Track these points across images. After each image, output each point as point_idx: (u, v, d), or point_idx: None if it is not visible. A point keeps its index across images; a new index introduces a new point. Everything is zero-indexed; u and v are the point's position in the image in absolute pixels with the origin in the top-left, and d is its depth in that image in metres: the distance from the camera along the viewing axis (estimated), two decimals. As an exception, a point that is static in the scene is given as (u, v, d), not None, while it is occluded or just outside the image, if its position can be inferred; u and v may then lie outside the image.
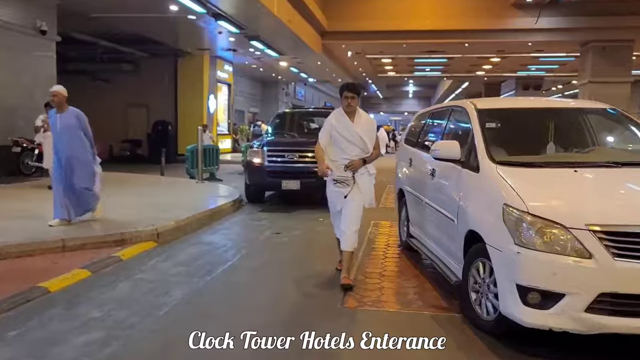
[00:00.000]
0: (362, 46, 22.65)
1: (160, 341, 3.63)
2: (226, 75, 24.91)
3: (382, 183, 14.31)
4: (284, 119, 11.22)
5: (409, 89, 58.67)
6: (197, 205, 8.28)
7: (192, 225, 7.21)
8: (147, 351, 3.48)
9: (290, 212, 9.05)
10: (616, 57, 19.63)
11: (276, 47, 20.11)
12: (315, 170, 9.00)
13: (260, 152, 9.42)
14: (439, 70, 30.65)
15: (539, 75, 31.27)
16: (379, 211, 9.20)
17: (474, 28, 19.82)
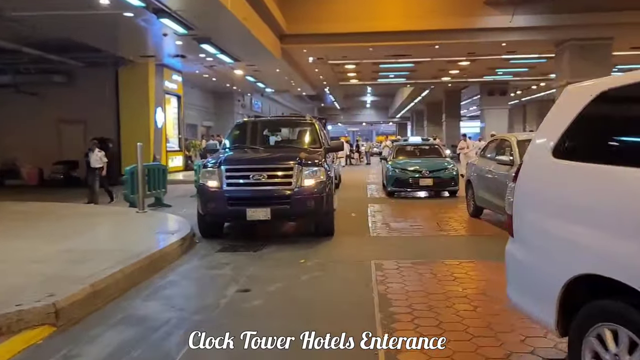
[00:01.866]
0: (325, 51, 20.77)
1: None
2: (175, 85, 22.49)
3: (358, 201, 12.54)
4: (245, 129, 9.10)
5: (367, 99, 57.72)
6: (130, 249, 5.99)
7: (118, 286, 4.95)
8: None
9: (260, 251, 6.88)
10: (595, 56, 18.46)
11: (230, 51, 17.95)
12: (289, 193, 7.23)
13: (216, 173, 7.24)
14: (403, 77, 29.13)
15: (505, 80, 30.23)
16: (374, 243, 7.24)
17: (445, 28, 18.32)
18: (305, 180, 7.16)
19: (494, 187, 8.29)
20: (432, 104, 44.46)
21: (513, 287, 3.29)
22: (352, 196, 13.61)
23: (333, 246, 7.22)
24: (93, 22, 13.61)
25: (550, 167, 2.99)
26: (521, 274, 3.22)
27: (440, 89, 36.69)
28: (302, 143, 8.72)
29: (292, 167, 7.15)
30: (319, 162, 7.45)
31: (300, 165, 7.19)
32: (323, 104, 53.94)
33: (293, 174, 7.12)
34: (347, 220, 9.36)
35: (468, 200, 9.80)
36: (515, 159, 7.63)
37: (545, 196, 3.04)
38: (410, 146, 16.15)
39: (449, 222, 9.12)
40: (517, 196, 3.28)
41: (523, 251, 3.19)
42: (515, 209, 3.29)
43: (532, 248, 3.09)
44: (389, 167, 13.42)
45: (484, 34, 18.65)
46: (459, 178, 12.98)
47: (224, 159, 7.44)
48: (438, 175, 12.70)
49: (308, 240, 7.49)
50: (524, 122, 54.72)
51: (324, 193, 7.24)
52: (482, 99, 32.81)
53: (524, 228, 3.21)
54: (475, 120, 64.09)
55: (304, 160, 7.32)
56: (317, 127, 8.78)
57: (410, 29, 18.35)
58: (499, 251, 7.03)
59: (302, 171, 7.17)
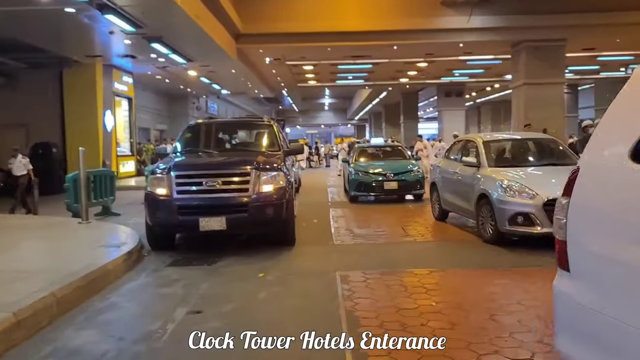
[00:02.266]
0: (282, 51, 20.27)
1: None
2: (125, 87, 21.48)
3: (319, 206, 11.82)
4: (198, 132, 8.48)
5: (325, 101, 57.51)
6: (66, 267, 5.33)
7: (50, 312, 4.32)
8: None
9: (215, 264, 6.32)
10: (549, 57, 18.71)
11: (183, 51, 17.22)
12: (246, 200, 6.78)
13: (166, 180, 6.62)
14: (362, 78, 28.94)
15: (461, 81, 30.51)
16: (338, 252, 6.78)
17: (404, 28, 18.14)
18: (264, 186, 6.65)
19: (460, 190, 8.01)
20: (390, 105, 44.61)
21: (567, 338, 2.48)
22: (313, 200, 13.16)
23: (294, 256, 6.73)
24: (33, 19, 12.70)
25: (628, 175, 2.21)
26: (584, 323, 2.35)
27: (398, 90, 36.76)
28: (259, 146, 8.19)
29: (249, 172, 6.63)
30: (277, 166, 6.96)
31: (258, 170, 6.68)
32: (281, 106, 53.37)
33: (250, 180, 6.60)
34: (308, 227, 8.90)
35: (433, 204, 9.49)
36: (482, 161, 7.38)
37: (622, 215, 2.20)
38: (372, 148, 15.41)
39: (415, 227, 8.78)
40: (574, 215, 2.45)
41: (587, 292, 2.33)
42: (572, 233, 2.45)
43: (604, 288, 2.25)
44: (351, 170, 12.77)
45: (442, 35, 18.60)
46: (424, 180, 12.59)
47: (174, 164, 6.84)
48: (403, 178, 12.14)
49: (267, 250, 6.97)
50: (479, 123, 55.78)
51: (284, 199, 6.75)
52: (440, 100, 33.05)
53: (587, 259, 2.38)
54: (433, 122, 64.80)
55: (262, 165, 6.81)
56: (275, 129, 8.27)
57: (368, 29, 18.10)
58: (468, 257, 6.75)
59: (260, 176, 6.66)
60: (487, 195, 6.94)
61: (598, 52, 22.24)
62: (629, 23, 17.74)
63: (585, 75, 29.91)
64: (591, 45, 20.69)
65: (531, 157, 8.17)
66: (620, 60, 24.34)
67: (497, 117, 52.44)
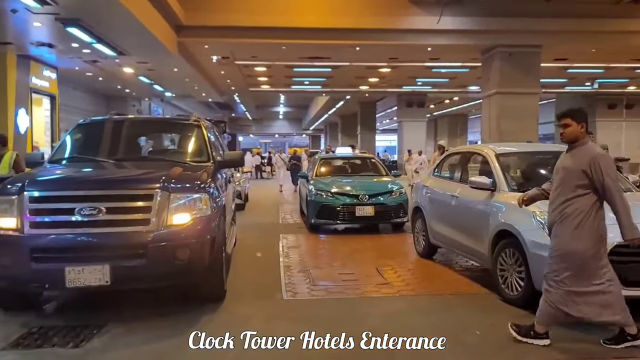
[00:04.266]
0: (230, 47, 17.90)
1: None
2: (47, 83, 18.50)
3: (267, 230, 9.12)
4: (90, 133, 5.94)
5: (280, 110, 55.45)
6: None
7: None
8: None
9: (89, 342, 3.91)
10: (524, 65, 17.19)
11: (111, 41, 14.57)
12: (145, 239, 4.16)
13: (13, 205, 4.16)
14: (319, 84, 26.82)
15: (423, 91, 28.94)
16: (287, 316, 4.53)
17: (368, 27, 16.20)
18: (176, 215, 4.32)
19: (462, 221, 5.90)
20: (347, 116, 43.01)
21: None
22: (259, 222, 10.83)
23: (220, 324, 4.40)
24: None
25: None
26: None
27: (355, 100, 35.04)
28: (181, 154, 5.81)
29: (152, 194, 4.30)
30: (200, 184, 4.63)
31: (167, 190, 4.36)
32: (234, 113, 50.82)
33: (153, 206, 4.25)
34: (249, 264, 6.60)
35: (416, 235, 7.27)
36: (499, 182, 5.24)
37: None
38: (339, 160, 12.19)
39: (395, 268, 6.52)
40: None
41: None
42: None
43: None
44: (311, 188, 9.67)
45: (409, 36, 16.76)
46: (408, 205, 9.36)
47: (31, 180, 4.38)
48: (382, 200, 9.16)
49: (181, 310, 4.63)
50: (435, 136, 54.89)
51: (208, 235, 4.44)
52: (400, 111, 31.43)
53: None
54: (389, 134, 64.01)
55: (175, 182, 4.49)
56: (204, 132, 5.90)
57: (329, 26, 16.03)
58: (477, 324, 4.18)
59: (171, 200, 4.33)
60: (512, 233, 4.79)
61: (569, 64, 21.01)
62: (606, 31, 16.47)
63: (550, 88, 28.99)
64: (565, 54, 19.38)
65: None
66: (589, 74, 23.28)
67: (453, 131, 51.79)
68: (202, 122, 6.03)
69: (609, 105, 29.87)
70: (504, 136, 17.03)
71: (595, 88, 24.83)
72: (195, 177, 4.75)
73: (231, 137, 60.65)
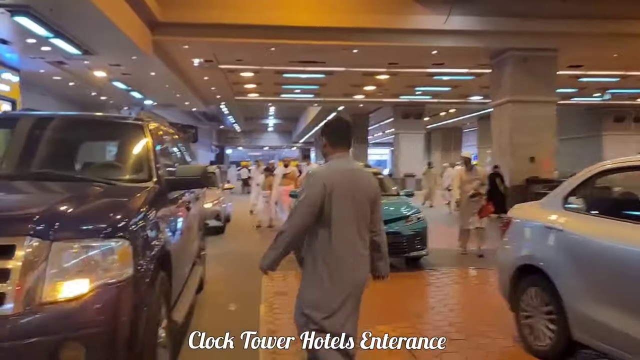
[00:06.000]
0: (213, 48, 16.04)
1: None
2: (7, 87, 16.48)
3: (247, 263, 6.48)
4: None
5: (269, 122, 53.77)
6: None
7: None
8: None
9: None
10: (538, 70, 15.55)
11: (73, 36, 12.64)
12: None
13: None
14: (311, 92, 24.98)
15: (422, 101, 27.23)
16: None
17: (368, 26, 14.48)
18: (61, 284, 2.38)
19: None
20: (339, 128, 41.12)
21: None
22: (240, 250, 8.88)
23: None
24: None
25: None
26: None
27: (349, 111, 33.28)
28: (110, 170, 3.81)
29: (12, 247, 2.37)
30: (117, 222, 2.66)
31: (46, 236, 2.44)
32: (222, 125, 48.99)
33: (14, 269, 2.32)
34: (215, 325, 4.61)
35: (528, 317, 4.25)
36: None
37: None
38: None
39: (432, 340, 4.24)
40: None
41: None
42: None
43: None
44: None
45: (413, 37, 15.04)
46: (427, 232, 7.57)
47: None
48: (395, 229, 7.10)
49: None
50: (429, 150, 53.26)
51: (124, 317, 2.46)
52: (396, 123, 29.74)
53: None
54: (382, 147, 62.41)
55: (65, 221, 2.57)
56: (148, 137, 3.90)
57: (323, 24, 14.29)
58: None
59: (52, 254, 2.37)
60: None
61: (584, 71, 19.37)
62: (631, 34, 14.82)
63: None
64: (581, 60, 17.74)
65: None
66: (602, 83, 21.68)
67: (447, 145, 50.40)
68: (147, 124, 4.06)
69: (616, 118, 28.37)
70: (517, 150, 15.30)
71: (607, 99, 23.22)
72: (111, 208, 2.81)
73: (219, 149, 58.87)
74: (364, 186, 2.91)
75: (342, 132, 3.00)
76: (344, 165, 2.94)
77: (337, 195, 2.79)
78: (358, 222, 2.86)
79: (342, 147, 2.97)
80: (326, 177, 2.83)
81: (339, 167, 2.91)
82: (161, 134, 4.42)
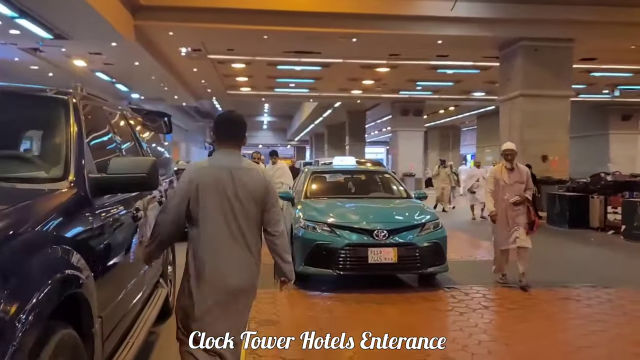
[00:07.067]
0: (201, 35, 14.80)
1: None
2: (-24, 76, 15.23)
3: None
4: None
5: (264, 119, 52.69)
6: None
7: None
8: None
9: None
10: (552, 62, 14.42)
11: (42, 17, 11.38)
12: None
13: None
14: (306, 87, 23.77)
15: (422, 97, 26.07)
16: None
17: (369, 12, 13.33)
18: None
19: None
20: (334, 126, 40.28)
21: None
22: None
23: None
24: None
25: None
26: None
27: (343, 110, 32.27)
28: (17, 163, 2.61)
29: None
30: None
31: None
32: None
33: None
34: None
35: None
36: None
37: None
38: (338, 175, 8.40)
39: None
40: None
41: None
42: None
43: None
44: (298, 217, 6.30)
45: (417, 25, 13.90)
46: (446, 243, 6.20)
47: None
48: (409, 239, 5.85)
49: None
50: (426, 149, 52.15)
51: None
52: (394, 120, 28.56)
53: None
54: (378, 146, 61.24)
55: None
56: (73, 119, 2.63)
57: (321, 9, 13.12)
58: None
59: None
60: None
61: (597, 64, 18.22)
62: (652, 23, 13.72)
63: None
64: (595, 52, 16.60)
65: None
66: (614, 78, 20.57)
67: (445, 144, 49.40)
68: (73, 98, 2.81)
69: (623, 116, 27.36)
70: (528, 147, 14.15)
71: (616, 96, 22.12)
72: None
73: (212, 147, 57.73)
74: (247, 184, 2.70)
75: (228, 127, 2.86)
76: (221, 161, 2.75)
77: (203, 191, 2.64)
78: (236, 222, 2.66)
79: (228, 142, 2.81)
80: (193, 172, 2.73)
81: (214, 163, 2.77)
82: (101, 117, 3.20)
